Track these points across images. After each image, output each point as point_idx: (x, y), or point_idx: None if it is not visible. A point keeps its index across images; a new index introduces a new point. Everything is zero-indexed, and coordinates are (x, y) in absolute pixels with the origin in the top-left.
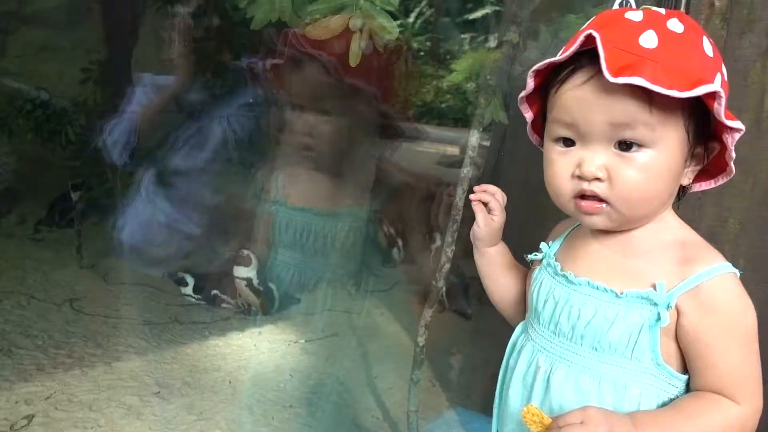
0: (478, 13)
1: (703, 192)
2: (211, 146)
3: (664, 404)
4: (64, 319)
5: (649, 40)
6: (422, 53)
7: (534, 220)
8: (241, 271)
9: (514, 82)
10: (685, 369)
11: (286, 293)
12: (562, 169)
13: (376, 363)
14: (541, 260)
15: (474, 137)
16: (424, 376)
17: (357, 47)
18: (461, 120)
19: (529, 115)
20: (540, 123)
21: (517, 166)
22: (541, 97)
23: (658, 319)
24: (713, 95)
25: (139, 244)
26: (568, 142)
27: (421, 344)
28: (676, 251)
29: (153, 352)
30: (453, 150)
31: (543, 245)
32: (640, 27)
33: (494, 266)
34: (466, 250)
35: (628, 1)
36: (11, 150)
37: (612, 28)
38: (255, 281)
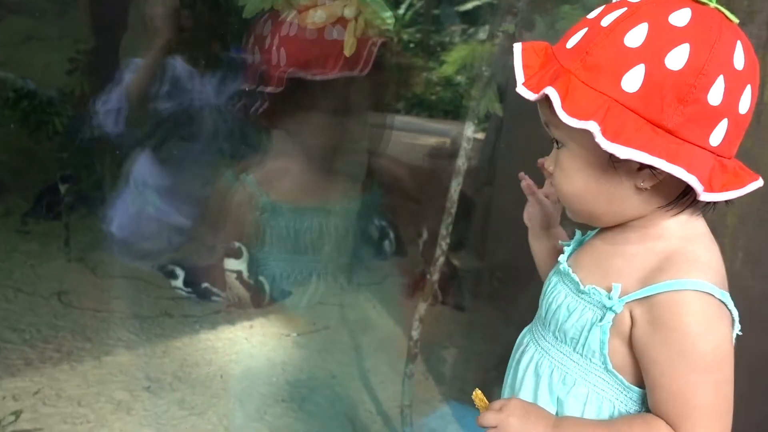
0: (470, 5)
1: None
2: (202, 137)
3: (612, 414)
4: (52, 313)
5: (572, 41)
6: (412, 45)
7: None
8: (231, 264)
9: (511, 73)
10: (642, 382)
11: (277, 286)
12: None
13: (369, 356)
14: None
15: (469, 129)
16: (417, 369)
17: (352, 36)
18: (452, 112)
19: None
20: None
21: (514, 157)
22: None
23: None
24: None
25: (129, 236)
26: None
27: (415, 338)
28: (657, 260)
29: (143, 346)
30: (444, 142)
31: (578, 233)
32: (581, 25)
33: (547, 251)
34: (459, 242)
35: None
36: None
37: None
38: (245, 274)
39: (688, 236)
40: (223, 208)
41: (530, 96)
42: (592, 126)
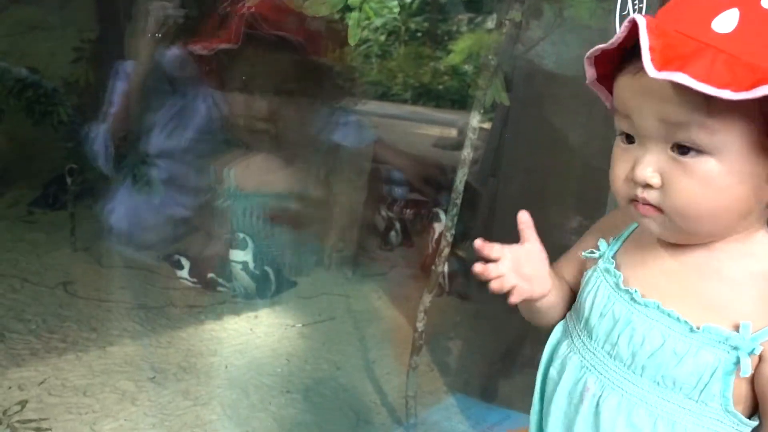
0: None
1: None
2: (198, 125)
3: None
4: (57, 303)
5: (725, 22)
6: (419, 34)
7: (536, 204)
8: (237, 255)
9: (517, 62)
10: (753, 412)
11: (282, 277)
12: (621, 168)
13: (374, 347)
14: (597, 259)
15: (475, 119)
16: (422, 360)
17: (356, 25)
18: (459, 102)
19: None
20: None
21: (520, 149)
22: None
23: (737, 362)
24: None
25: (134, 226)
26: (630, 138)
27: (420, 329)
28: (766, 285)
29: (148, 336)
30: (450, 132)
31: (602, 243)
32: (723, 4)
33: (538, 308)
34: (465, 233)
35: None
36: (2, 131)
37: (682, 7)
38: (251, 264)
39: None
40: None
41: (719, 93)
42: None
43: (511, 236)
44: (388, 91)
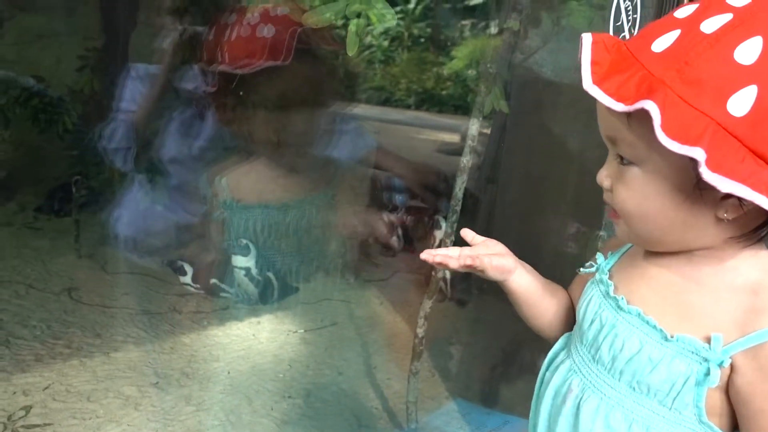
0: (475, 1)
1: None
2: (208, 134)
3: None
4: (62, 309)
5: (661, 43)
6: (422, 40)
7: (534, 211)
8: (239, 261)
9: (516, 70)
10: (732, 426)
11: (284, 283)
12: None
13: (375, 353)
14: (595, 273)
15: (474, 126)
16: (423, 366)
17: (355, 34)
18: (462, 108)
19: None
20: None
21: (518, 156)
22: None
23: (708, 373)
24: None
25: (137, 233)
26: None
27: (420, 335)
28: (745, 298)
29: (151, 342)
30: (453, 138)
31: (599, 256)
32: (667, 25)
33: (521, 297)
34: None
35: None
36: (8, 139)
37: (648, 27)
38: (254, 271)
39: (758, 267)
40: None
41: (614, 105)
42: (698, 154)
43: (510, 241)
44: (391, 97)
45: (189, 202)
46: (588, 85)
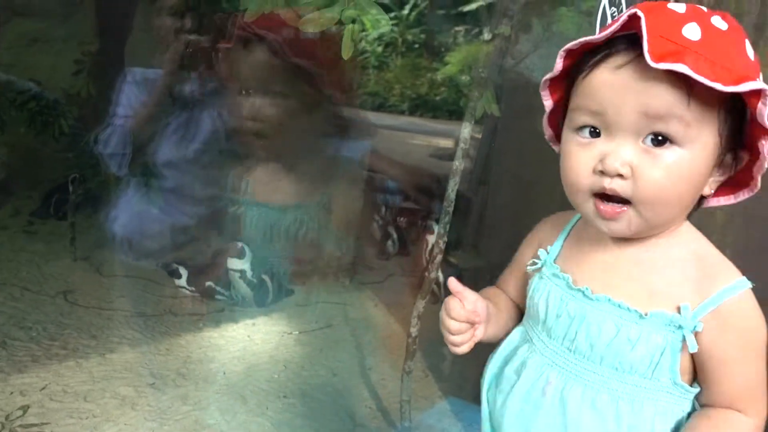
0: (473, 5)
1: None
2: (203, 137)
3: (677, 420)
4: (58, 311)
5: (692, 31)
6: (416, 45)
7: (524, 212)
8: (234, 263)
9: (507, 74)
10: (692, 380)
11: (280, 285)
12: (583, 162)
13: (370, 354)
14: (540, 268)
15: (466, 129)
16: (417, 366)
17: (350, 39)
18: (455, 113)
19: (549, 103)
20: (560, 113)
21: (508, 159)
22: (565, 85)
23: (683, 340)
24: (759, 94)
25: (133, 235)
26: (594, 133)
27: (413, 335)
28: (694, 267)
29: (147, 343)
30: (447, 143)
31: (541, 252)
32: (684, 18)
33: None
34: (458, 240)
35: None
36: (4, 142)
37: (654, 15)
38: (249, 273)
39: (697, 236)
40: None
41: (715, 85)
42: (762, 84)
43: (501, 243)
44: (385, 102)
45: (184, 205)
46: (652, 62)
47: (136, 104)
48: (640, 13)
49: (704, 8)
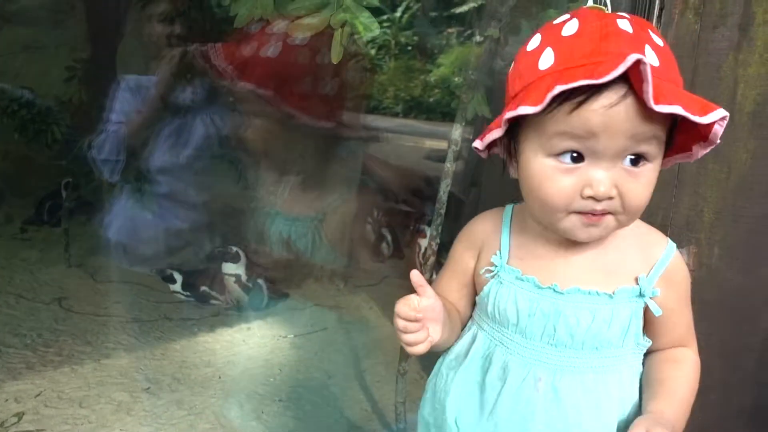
0: (464, 8)
1: (678, 181)
2: (196, 143)
3: (640, 372)
4: (52, 318)
5: (652, 57)
6: (410, 48)
7: None
8: (229, 268)
9: (497, 76)
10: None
11: (275, 289)
12: (568, 186)
13: (365, 356)
14: (496, 273)
15: (457, 131)
16: (412, 368)
17: (339, 45)
18: (449, 114)
19: (499, 132)
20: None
21: (499, 160)
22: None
23: (643, 308)
24: (723, 119)
25: (127, 241)
26: (575, 158)
27: None
28: (633, 240)
29: (142, 348)
30: (441, 145)
31: (494, 258)
32: (639, 40)
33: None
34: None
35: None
36: None
37: (616, 41)
38: (243, 277)
39: None
40: None
41: (699, 119)
42: (723, 111)
43: None
44: (379, 105)
45: (179, 210)
46: (654, 105)
47: (129, 111)
48: (642, 58)
49: (624, 15)
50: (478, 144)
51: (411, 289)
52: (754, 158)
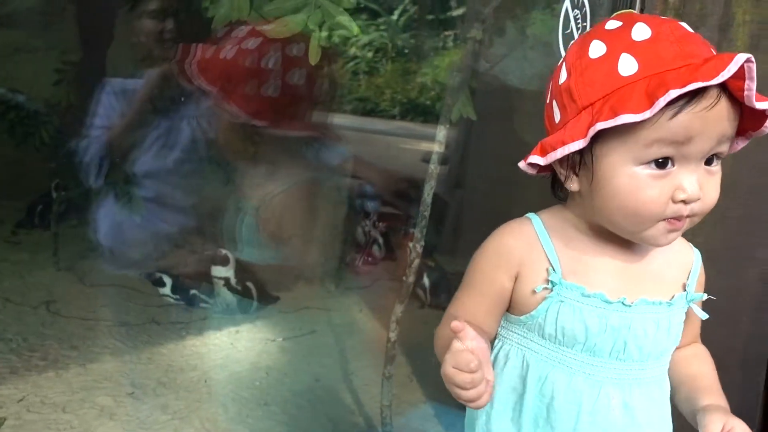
0: (460, 11)
1: None
2: (183, 146)
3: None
4: (39, 322)
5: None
6: (406, 50)
7: (500, 214)
8: (219, 271)
9: (482, 78)
10: None
11: (265, 292)
12: (660, 193)
13: (353, 359)
14: (551, 290)
15: (441, 133)
16: (401, 371)
17: (316, 45)
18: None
19: (582, 142)
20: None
21: (484, 161)
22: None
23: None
24: None
25: (116, 245)
26: (665, 164)
27: (392, 339)
28: (668, 246)
29: (128, 353)
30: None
31: (554, 276)
32: (704, 40)
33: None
34: (443, 246)
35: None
36: None
37: (693, 43)
38: (233, 281)
39: None
40: None
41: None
42: None
43: (477, 244)
44: (375, 107)
45: (167, 214)
46: (757, 104)
47: (112, 115)
48: (749, 57)
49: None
50: (539, 160)
51: (400, 294)
52: (735, 159)
